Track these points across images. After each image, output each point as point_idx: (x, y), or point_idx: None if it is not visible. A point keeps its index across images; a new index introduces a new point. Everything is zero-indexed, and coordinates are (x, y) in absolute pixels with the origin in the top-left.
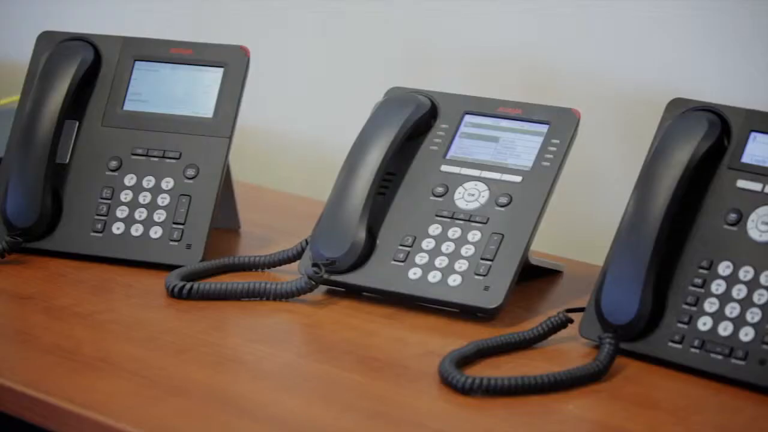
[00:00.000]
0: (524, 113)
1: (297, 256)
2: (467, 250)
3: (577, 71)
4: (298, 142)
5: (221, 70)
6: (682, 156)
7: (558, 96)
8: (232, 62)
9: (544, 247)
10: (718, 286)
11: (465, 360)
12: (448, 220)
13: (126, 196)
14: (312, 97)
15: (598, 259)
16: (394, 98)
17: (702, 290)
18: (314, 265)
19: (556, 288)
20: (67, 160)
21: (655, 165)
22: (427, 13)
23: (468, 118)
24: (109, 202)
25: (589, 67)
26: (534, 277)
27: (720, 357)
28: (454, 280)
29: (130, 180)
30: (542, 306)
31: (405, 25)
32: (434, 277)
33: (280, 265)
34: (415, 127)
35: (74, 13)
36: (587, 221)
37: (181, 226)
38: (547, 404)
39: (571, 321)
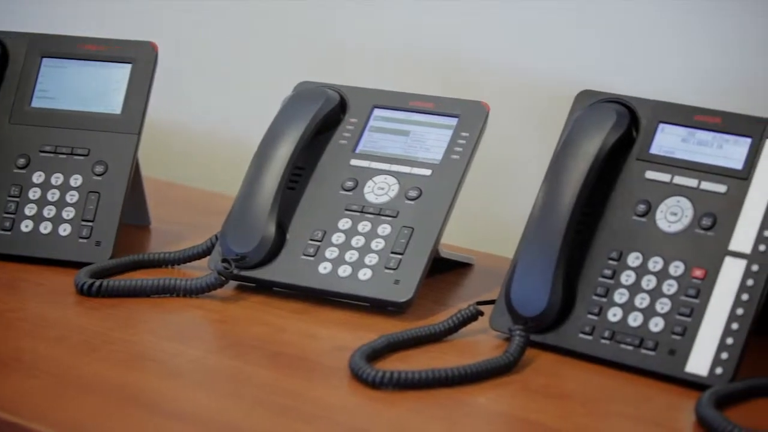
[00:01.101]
0: (434, 107)
1: (207, 251)
2: (377, 244)
3: (487, 64)
4: (208, 138)
5: (129, 66)
6: (590, 147)
7: (468, 89)
8: (140, 58)
9: (455, 240)
10: (627, 277)
11: (375, 354)
12: (358, 214)
13: (34, 193)
14: (222, 93)
15: (509, 251)
16: (303, 92)
17: (612, 281)
18: (224, 260)
19: (467, 281)
20: None
21: (564, 157)
22: (337, 7)
23: (377, 111)
24: (17, 199)
25: (498, 60)
26: (445, 270)
27: (630, 347)
28: (365, 274)
29: (38, 177)
30: (453, 299)
31: (315, 20)
32: (344, 271)
33: (189, 261)
34: (324, 121)
35: None
36: (498, 213)
37: (90, 223)
38: (458, 397)
39: (481, 313)
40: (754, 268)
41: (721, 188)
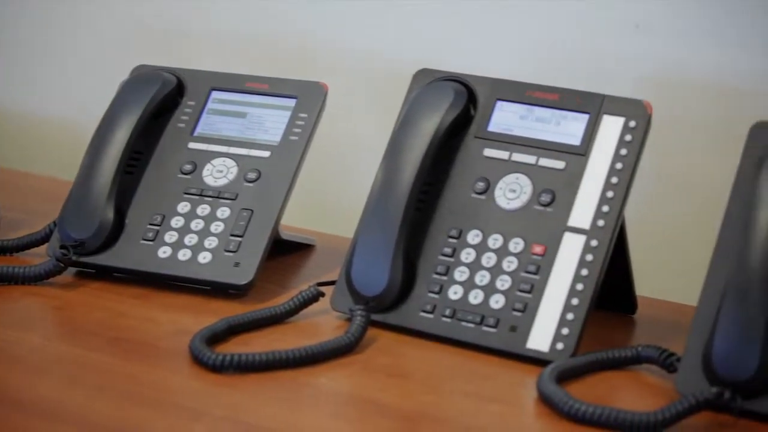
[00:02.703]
0: (271, 88)
1: (45, 238)
2: (217, 227)
3: (325, 44)
4: (51, 124)
5: None
6: (428, 126)
7: (306, 70)
8: None
9: (297, 222)
10: (467, 255)
11: (216, 337)
12: (197, 197)
13: None
14: (62, 78)
15: (351, 231)
16: (140, 76)
17: (452, 259)
18: (62, 247)
19: (309, 262)
20: None
21: (402, 136)
22: None
23: (215, 94)
24: None
25: (336, 40)
26: (286, 252)
27: (471, 325)
28: (204, 257)
29: None
30: (294, 280)
31: (154, 3)
32: (184, 255)
33: (28, 248)
34: (161, 105)
35: None
36: (339, 194)
37: None
38: (299, 378)
39: (322, 294)
40: (593, 243)
41: (559, 164)
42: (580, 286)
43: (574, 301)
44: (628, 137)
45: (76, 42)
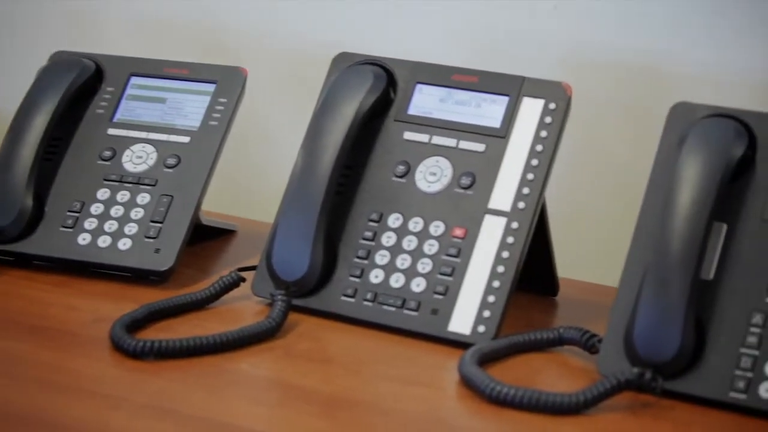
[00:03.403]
0: (191, 73)
1: None
2: (137, 213)
3: (245, 29)
4: None
5: None
6: (348, 110)
7: (226, 55)
8: None
9: (219, 208)
10: (388, 239)
11: (136, 324)
12: (117, 183)
13: None
14: None
15: (272, 217)
16: (58, 62)
17: (373, 243)
18: None
19: (230, 248)
20: None
21: (322, 120)
22: None
23: (134, 80)
24: None
25: (255, 24)
26: (208, 238)
27: (393, 309)
28: (125, 243)
29: None
30: (215, 266)
31: None
32: (104, 241)
33: None
34: (80, 91)
35: None
36: (259, 179)
37: None
38: (220, 364)
39: (243, 280)
40: (514, 225)
41: (479, 147)
42: (501, 269)
43: (496, 284)
44: (548, 119)
45: None
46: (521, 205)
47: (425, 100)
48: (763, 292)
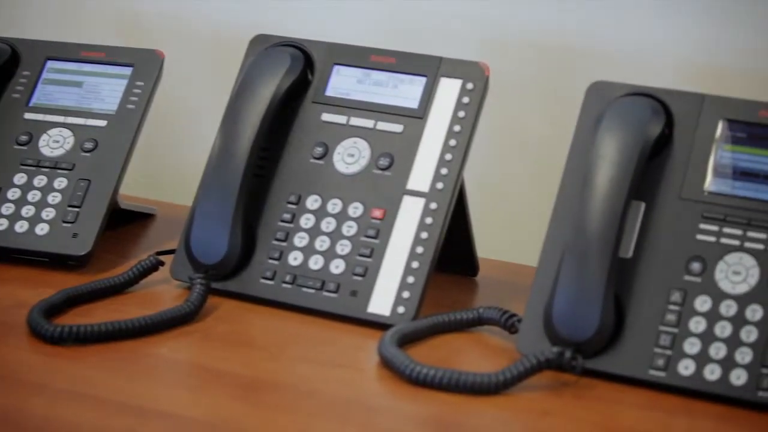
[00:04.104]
0: (107, 56)
1: None
2: (54, 198)
3: (161, 11)
4: None
5: None
6: (265, 92)
7: (143, 38)
8: None
9: (138, 192)
10: (307, 221)
11: (54, 309)
12: (34, 168)
13: None
14: None
15: (191, 200)
16: None
17: (291, 225)
18: None
19: (149, 231)
20: None
21: (240, 102)
22: None
23: (50, 63)
24: None
25: (172, 6)
26: (127, 222)
27: (312, 291)
28: (42, 228)
29: None
30: (134, 250)
31: None
32: (21, 227)
33: None
34: None
35: None
36: (178, 162)
37: None
38: (139, 348)
39: (161, 263)
40: (433, 206)
41: (397, 128)
42: (420, 249)
43: (415, 265)
44: (465, 99)
45: None
46: (440, 185)
47: (343, 82)
48: (682, 270)
